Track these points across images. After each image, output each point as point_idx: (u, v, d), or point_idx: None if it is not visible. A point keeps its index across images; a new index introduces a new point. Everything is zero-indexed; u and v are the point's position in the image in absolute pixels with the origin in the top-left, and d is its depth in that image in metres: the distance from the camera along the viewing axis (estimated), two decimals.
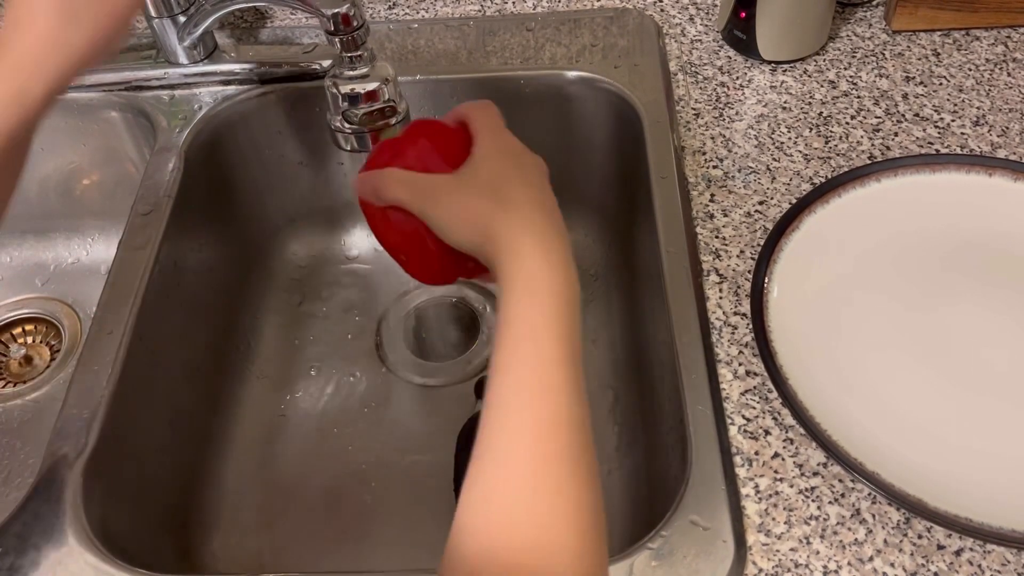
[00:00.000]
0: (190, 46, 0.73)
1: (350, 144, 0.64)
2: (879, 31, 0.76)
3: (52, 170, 0.80)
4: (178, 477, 0.66)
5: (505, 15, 0.80)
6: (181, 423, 0.67)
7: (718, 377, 0.55)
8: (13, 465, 0.72)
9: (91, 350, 0.59)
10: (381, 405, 0.74)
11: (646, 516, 0.62)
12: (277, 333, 0.79)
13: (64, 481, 0.53)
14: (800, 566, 0.47)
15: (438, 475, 0.70)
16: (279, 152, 0.79)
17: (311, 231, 0.84)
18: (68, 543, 0.50)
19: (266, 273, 0.82)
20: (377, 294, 0.82)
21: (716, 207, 0.64)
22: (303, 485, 0.70)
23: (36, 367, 0.79)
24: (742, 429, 0.53)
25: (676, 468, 0.54)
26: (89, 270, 0.84)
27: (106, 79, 0.74)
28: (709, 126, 0.69)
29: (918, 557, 0.48)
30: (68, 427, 0.55)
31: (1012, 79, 0.71)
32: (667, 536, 0.48)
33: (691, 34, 0.77)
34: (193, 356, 0.70)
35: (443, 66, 0.75)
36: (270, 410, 0.74)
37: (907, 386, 0.54)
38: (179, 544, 0.65)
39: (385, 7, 0.81)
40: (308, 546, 0.67)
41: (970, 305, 0.55)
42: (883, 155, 0.66)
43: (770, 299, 0.57)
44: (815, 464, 0.51)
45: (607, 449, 0.70)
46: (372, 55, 0.62)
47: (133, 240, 0.65)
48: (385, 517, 0.68)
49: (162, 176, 0.69)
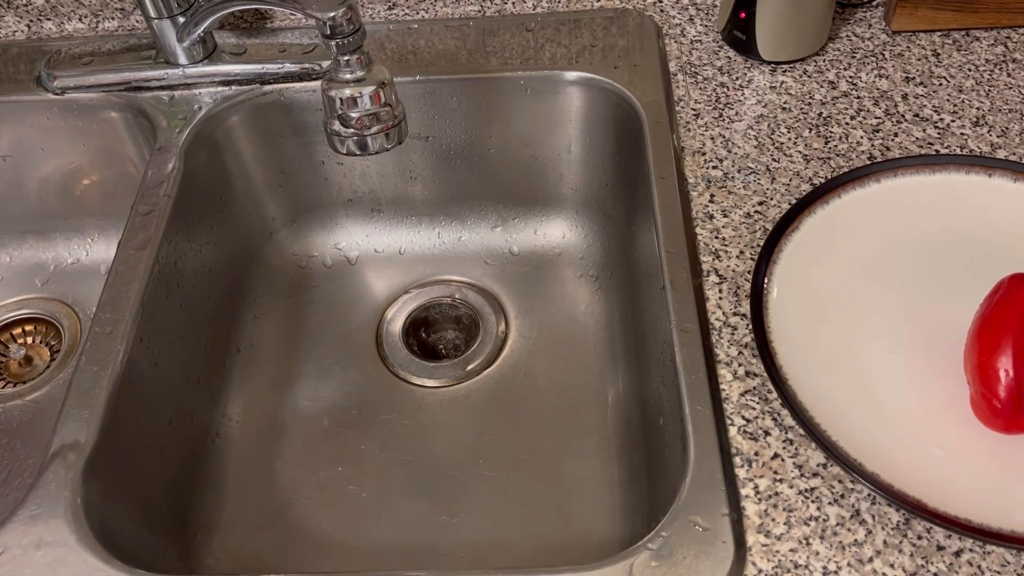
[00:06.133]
0: (190, 46, 0.73)
1: (346, 148, 0.64)
2: (879, 31, 0.76)
3: (52, 170, 0.80)
4: (178, 477, 0.66)
5: (505, 15, 0.80)
6: (181, 423, 0.67)
7: (718, 378, 0.55)
8: (13, 465, 0.72)
9: (91, 350, 0.59)
10: (381, 405, 0.74)
11: (646, 516, 0.62)
12: (277, 333, 0.79)
13: (64, 481, 0.53)
14: (800, 567, 0.47)
15: (438, 475, 0.70)
16: (279, 152, 0.79)
17: (311, 231, 0.84)
18: (68, 543, 0.50)
19: (266, 273, 0.82)
20: (377, 294, 0.82)
21: (716, 207, 0.64)
22: (303, 485, 0.70)
23: (36, 367, 0.79)
24: (742, 430, 0.53)
25: (676, 469, 0.54)
26: (89, 270, 0.84)
27: (106, 79, 0.75)
28: (709, 126, 0.69)
29: (918, 558, 0.48)
30: (68, 427, 0.55)
31: (1012, 79, 0.71)
32: (667, 537, 0.48)
33: (691, 34, 0.77)
34: (193, 356, 0.70)
35: (443, 66, 0.75)
36: (270, 410, 0.74)
37: (907, 386, 0.54)
38: (179, 544, 0.65)
39: (385, 7, 0.81)
40: (308, 546, 0.67)
41: (970, 306, 0.55)
42: (883, 156, 0.66)
43: (770, 300, 0.57)
44: (815, 465, 0.51)
45: (607, 449, 0.70)
46: (369, 58, 0.62)
47: (133, 240, 0.65)
48: (385, 517, 0.68)
49: (162, 176, 0.69)
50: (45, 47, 0.79)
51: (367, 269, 0.84)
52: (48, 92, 0.75)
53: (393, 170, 0.81)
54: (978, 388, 0.50)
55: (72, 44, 0.79)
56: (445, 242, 0.85)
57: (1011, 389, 0.49)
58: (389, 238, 0.85)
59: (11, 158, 0.79)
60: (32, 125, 0.77)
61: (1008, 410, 0.49)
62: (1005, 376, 0.49)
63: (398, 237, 0.85)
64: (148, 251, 0.64)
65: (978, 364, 0.50)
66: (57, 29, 0.82)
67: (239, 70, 0.74)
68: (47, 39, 0.81)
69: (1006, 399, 0.49)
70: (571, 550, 0.65)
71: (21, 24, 0.83)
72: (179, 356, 0.68)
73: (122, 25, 0.82)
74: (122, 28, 0.82)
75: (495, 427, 0.73)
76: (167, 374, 0.65)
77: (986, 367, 0.50)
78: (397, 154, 0.79)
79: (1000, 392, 0.49)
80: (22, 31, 0.82)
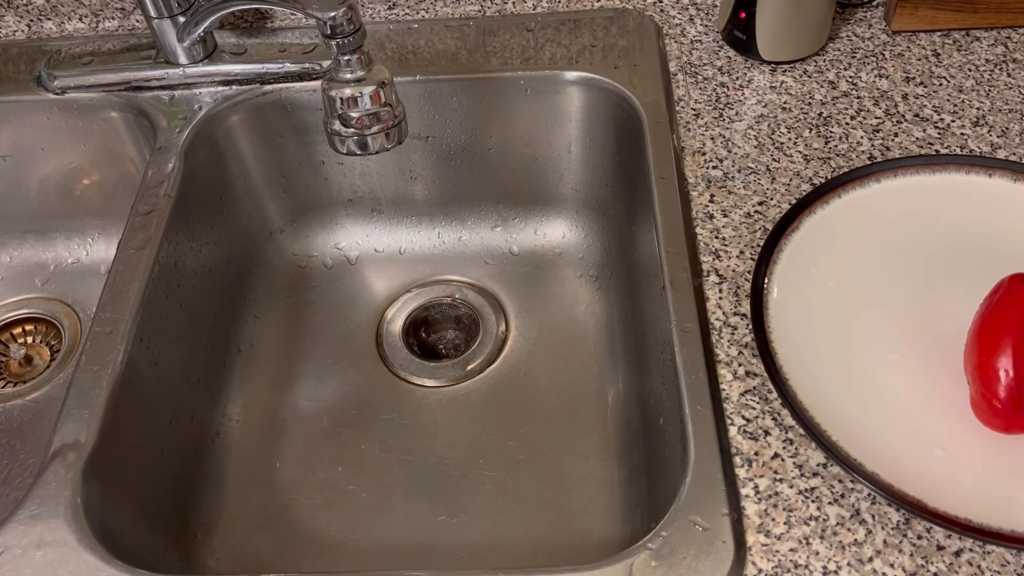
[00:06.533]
0: (190, 46, 0.73)
1: (346, 148, 0.64)
2: (879, 31, 0.76)
3: (52, 170, 0.80)
4: (178, 477, 0.66)
5: (505, 15, 0.80)
6: (181, 423, 0.67)
7: (718, 378, 0.55)
8: (13, 465, 0.72)
9: (91, 350, 0.59)
10: (381, 405, 0.74)
11: (646, 516, 0.62)
12: (277, 333, 0.79)
13: (64, 481, 0.53)
14: (800, 567, 0.47)
15: (438, 475, 0.70)
16: (279, 152, 0.79)
17: (311, 231, 0.84)
18: (68, 543, 0.50)
19: (266, 273, 0.82)
20: (377, 294, 0.82)
21: (716, 207, 0.64)
22: (303, 485, 0.70)
23: (36, 367, 0.79)
24: (742, 429, 0.53)
25: (676, 468, 0.54)
26: (89, 270, 0.84)
27: (106, 79, 0.75)
28: (709, 126, 0.69)
29: (918, 558, 0.48)
30: (68, 427, 0.55)
31: (1012, 80, 0.71)
32: (667, 537, 0.48)
33: (691, 34, 0.77)
34: (193, 356, 0.70)
35: (443, 66, 0.75)
36: (270, 410, 0.74)
37: (907, 387, 0.54)
38: (179, 544, 0.65)
39: (385, 7, 0.81)
40: (308, 546, 0.67)
41: (970, 306, 0.55)
42: (883, 156, 0.66)
43: (770, 299, 0.57)
44: (815, 465, 0.51)
45: (607, 449, 0.70)
46: (369, 58, 0.62)
47: (133, 240, 0.65)
48: (385, 517, 0.68)
49: (162, 176, 0.69)
50: (45, 47, 0.79)
51: (367, 269, 0.84)
52: (48, 92, 0.75)
53: (393, 170, 0.81)
54: (978, 388, 0.50)
55: (72, 44, 0.79)
56: (445, 242, 0.85)
57: (1011, 389, 0.49)
58: (389, 238, 0.85)
59: (11, 158, 0.79)
60: (32, 125, 0.77)
61: (1008, 410, 0.49)
62: (1005, 376, 0.49)
63: (398, 237, 0.85)
64: (148, 251, 0.64)
65: (978, 364, 0.50)
66: (57, 29, 0.82)
67: (239, 70, 0.74)
68: (47, 39, 0.81)
69: (1006, 399, 0.49)
70: (571, 550, 0.65)
71: (21, 24, 0.83)
72: (179, 356, 0.68)
73: (122, 25, 0.82)
74: (122, 28, 0.82)
75: (495, 427, 0.73)
76: (167, 374, 0.65)
77: (986, 367, 0.50)
78: (397, 154, 0.79)
79: (1000, 392, 0.49)
80: (22, 31, 0.82)
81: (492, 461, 0.71)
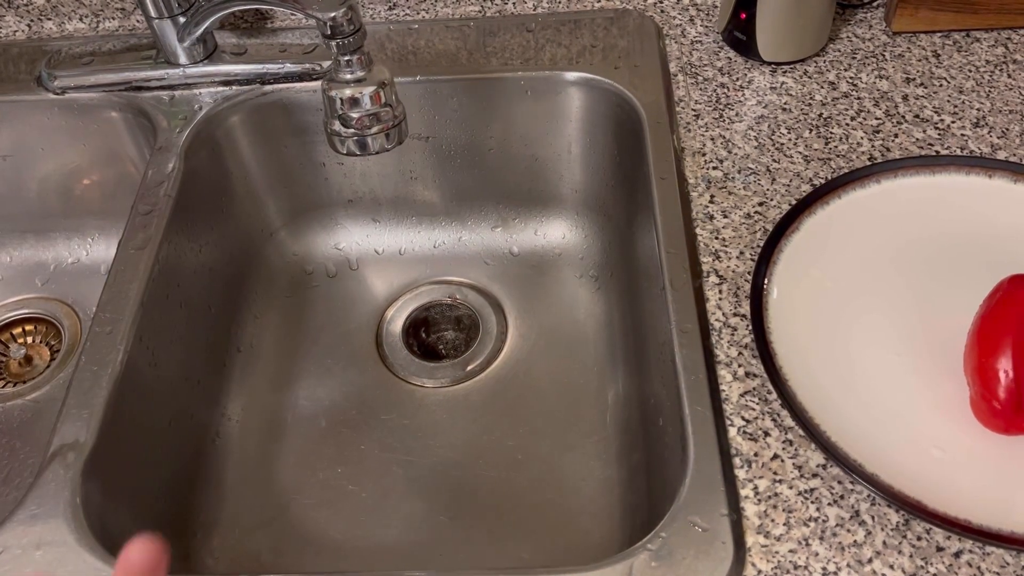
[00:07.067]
0: (190, 46, 0.73)
1: (346, 148, 0.64)
2: (879, 32, 0.76)
3: (52, 170, 0.80)
4: (178, 477, 0.66)
5: (505, 16, 0.80)
6: (181, 423, 0.67)
7: (717, 378, 0.55)
8: (13, 465, 0.72)
9: (91, 350, 0.59)
10: (381, 405, 0.74)
11: (645, 517, 0.62)
12: (277, 333, 0.79)
13: (63, 481, 0.53)
14: (799, 568, 0.47)
15: (438, 475, 0.70)
16: (279, 152, 0.79)
17: (311, 231, 0.84)
18: (67, 543, 0.50)
19: (266, 273, 0.82)
20: (377, 294, 0.82)
21: (716, 208, 0.64)
22: (303, 485, 0.70)
23: (36, 367, 0.79)
24: (741, 430, 0.53)
25: (675, 469, 0.54)
26: (89, 270, 0.84)
27: (106, 79, 0.75)
28: (709, 127, 0.69)
29: (917, 559, 0.48)
30: (68, 427, 0.55)
31: (1012, 80, 0.71)
32: (666, 537, 0.48)
33: (691, 35, 0.77)
34: (193, 356, 0.70)
35: (443, 67, 0.75)
36: (270, 410, 0.74)
37: (907, 388, 0.54)
38: (179, 544, 0.65)
39: (385, 8, 0.81)
40: (308, 546, 0.67)
41: (970, 307, 0.55)
42: (883, 156, 0.66)
43: (770, 300, 0.57)
44: (814, 465, 0.51)
45: (607, 450, 0.70)
46: (369, 58, 0.62)
47: (133, 240, 0.65)
48: (385, 517, 0.68)
49: (162, 176, 0.69)
50: (45, 47, 0.79)
51: (367, 269, 0.84)
52: (48, 92, 0.75)
53: (393, 170, 0.81)
54: (978, 389, 0.50)
55: (72, 44, 0.79)
56: (445, 242, 0.85)
57: (1011, 390, 0.49)
58: (389, 238, 0.85)
59: (11, 158, 0.79)
60: (32, 125, 0.77)
61: (1008, 411, 0.49)
62: (1005, 377, 0.49)
63: (398, 237, 0.85)
64: (148, 251, 0.64)
65: (978, 365, 0.50)
66: (57, 29, 0.82)
67: (239, 70, 0.74)
68: (47, 39, 0.81)
69: (1006, 400, 0.49)
70: (571, 550, 0.65)
71: (22, 24, 0.83)
72: (179, 356, 0.68)
73: (122, 25, 0.82)
74: (122, 28, 0.82)
75: (495, 427, 0.73)
76: (167, 374, 0.65)
77: (986, 368, 0.50)
78: (397, 154, 0.79)
79: (1000, 393, 0.49)
80: (22, 31, 0.82)
81: (492, 461, 0.71)
